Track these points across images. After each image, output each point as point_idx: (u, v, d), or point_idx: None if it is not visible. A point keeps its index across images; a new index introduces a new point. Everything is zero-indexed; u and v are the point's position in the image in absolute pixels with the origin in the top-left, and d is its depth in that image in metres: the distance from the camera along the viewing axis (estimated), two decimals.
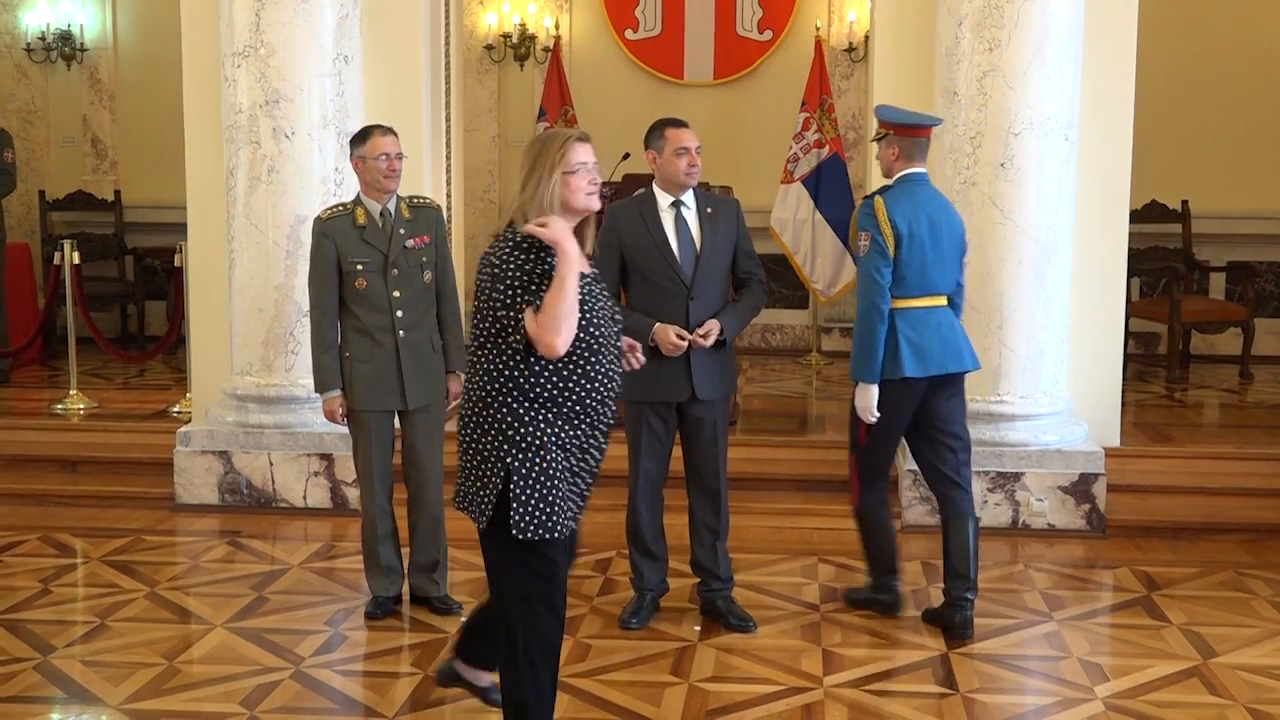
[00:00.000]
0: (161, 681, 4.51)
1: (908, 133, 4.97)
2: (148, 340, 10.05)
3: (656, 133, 4.90)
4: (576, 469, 3.56)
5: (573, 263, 3.41)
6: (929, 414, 5.01)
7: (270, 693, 4.42)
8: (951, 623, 4.96)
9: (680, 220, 4.90)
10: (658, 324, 4.80)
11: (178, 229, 7.45)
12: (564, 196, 3.51)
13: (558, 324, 3.38)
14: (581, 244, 3.55)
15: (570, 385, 3.48)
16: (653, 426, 4.94)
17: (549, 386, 3.48)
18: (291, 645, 4.85)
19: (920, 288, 4.91)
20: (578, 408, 3.50)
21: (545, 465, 3.47)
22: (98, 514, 6.54)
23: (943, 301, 4.99)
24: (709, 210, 4.93)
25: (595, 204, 3.56)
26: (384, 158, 4.97)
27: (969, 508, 5.05)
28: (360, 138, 5.05)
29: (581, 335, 3.46)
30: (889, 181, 5.02)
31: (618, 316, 3.70)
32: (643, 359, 4.10)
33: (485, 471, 3.51)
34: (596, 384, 3.52)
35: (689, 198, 4.92)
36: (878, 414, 4.92)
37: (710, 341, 4.83)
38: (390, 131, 5.07)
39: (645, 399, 4.90)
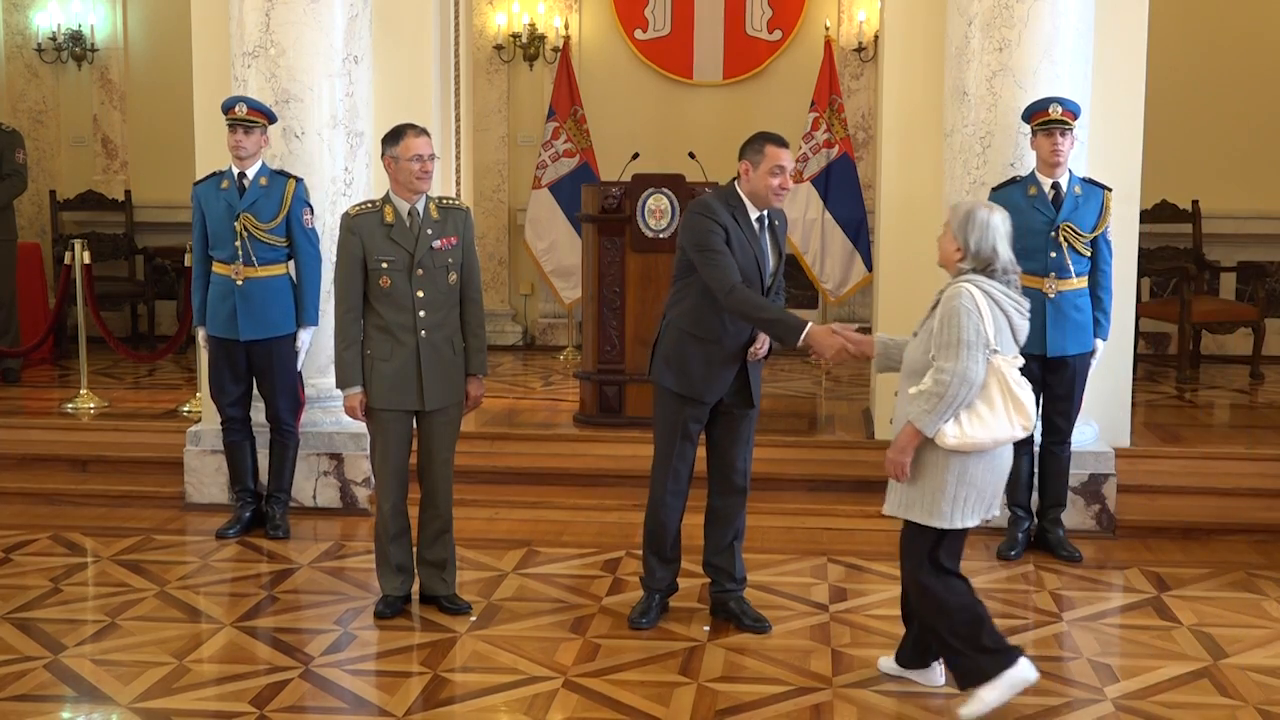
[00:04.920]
0: (171, 680, 4.51)
1: None
2: (158, 340, 10.08)
3: (756, 145, 4.83)
4: None
5: None
6: None
7: (280, 692, 4.42)
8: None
9: (762, 230, 4.91)
10: (812, 324, 4.72)
11: (188, 229, 7.45)
12: None
13: None
14: None
15: None
16: (689, 431, 4.95)
17: None
18: (301, 644, 4.85)
19: None
20: None
21: None
22: (108, 513, 6.55)
23: None
24: (774, 223, 4.96)
25: None
26: (417, 159, 4.96)
27: None
28: (393, 137, 5.03)
29: None
30: None
31: None
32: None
33: None
34: None
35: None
36: None
37: (765, 352, 4.93)
38: (424, 132, 5.05)
39: (698, 397, 4.89)
